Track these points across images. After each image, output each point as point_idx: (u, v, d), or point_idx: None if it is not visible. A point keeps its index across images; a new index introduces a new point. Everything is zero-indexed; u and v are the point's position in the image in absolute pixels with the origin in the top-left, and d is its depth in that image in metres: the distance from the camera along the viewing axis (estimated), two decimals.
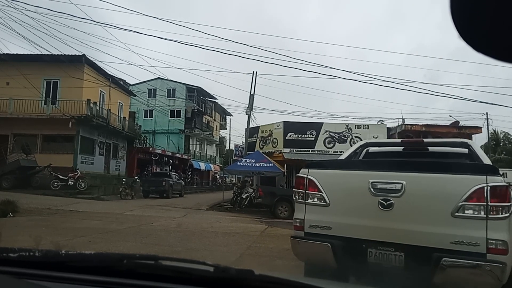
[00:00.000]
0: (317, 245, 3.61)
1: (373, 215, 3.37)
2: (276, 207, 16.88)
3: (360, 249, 3.41)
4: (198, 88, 39.74)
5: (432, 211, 3.24)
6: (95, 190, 20.24)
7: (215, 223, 11.79)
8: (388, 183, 3.36)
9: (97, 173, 23.37)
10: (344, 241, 3.49)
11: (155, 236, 8.21)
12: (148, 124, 38.68)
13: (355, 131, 21.48)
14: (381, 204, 3.33)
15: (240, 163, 19.86)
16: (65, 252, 1.44)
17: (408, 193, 3.28)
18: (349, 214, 3.58)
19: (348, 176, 3.78)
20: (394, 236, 3.32)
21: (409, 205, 3.31)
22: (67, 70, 21.29)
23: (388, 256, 3.32)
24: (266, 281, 1.18)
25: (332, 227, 3.59)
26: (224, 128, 52.54)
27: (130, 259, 1.30)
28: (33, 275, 1.21)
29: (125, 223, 10.06)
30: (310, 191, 3.79)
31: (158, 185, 23.40)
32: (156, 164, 32.55)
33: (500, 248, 2.94)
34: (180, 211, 15.46)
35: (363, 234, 3.45)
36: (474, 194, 3.04)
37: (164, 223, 10.53)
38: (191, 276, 1.21)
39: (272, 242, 8.62)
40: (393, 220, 3.32)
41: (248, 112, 22.83)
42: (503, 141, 38.41)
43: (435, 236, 3.15)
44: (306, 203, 3.80)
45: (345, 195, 3.69)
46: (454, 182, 3.22)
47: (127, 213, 12.87)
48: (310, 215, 3.75)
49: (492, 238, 2.96)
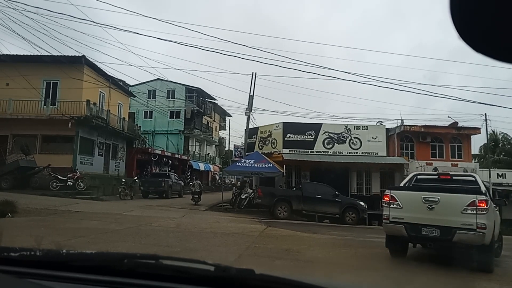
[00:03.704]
0: (396, 226, 7.13)
1: (424, 212, 6.89)
2: (275, 208, 16.90)
3: (417, 228, 6.91)
4: (198, 89, 39.74)
5: (452, 210, 6.77)
6: (94, 191, 20.24)
7: (214, 223, 11.81)
8: (431, 198, 6.90)
9: (97, 174, 23.35)
10: (410, 224, 6.99)
11: (154, 237, 8.22)
12: (148, 125, 38.67)
13: (354, 131, 21.52)
14: (428, 207, 6.88)
15: (240, 163, 19.89)
16: (66, 252, 1.44)
17: (441, 202, 6.82)
18: (412, 212, 7.06)
19: (412, 194, 7.44)
20: (434, 221, 6.81)
21: (441, 208, 6.79)
22: (67, 71, 21.29)
23: (431, 231, 6.81)
24: (266, 280, 1.19)
25: (403, 218, 7.09)
26: (223, 129, 52.53)
27: (131, 259, 1.30)
28: (34, 274, 1.22)
29: (124, 223, 10.07)
30: (392, 201, 7.28)
31: (157, 186, 23.41)
32: (156, 165, 32.52)
33: (482, 227, 6.46)
34: (179, 211, 15.48)
35: (419, 221, 6.94)
36: (471, 203, 6.60)
37: (163, 224, 10.54)
38: (191, 275, 1.21)
39: (271, 243, 8.64)
40: (434, 215, 6.82)
41: (248, 113, 22.83)
42: (502, 142, 38.44)
43: (453, 222, 6.68)
44: (390, 207, 7.27)
45: (410, 203, 7.16)
46: (462, 198, 6.77)
47: (126, 214, 12.87)
48: (392, 212, 7.22)
49: (478, 222, 6.49)
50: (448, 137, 23.64)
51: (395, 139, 23.38)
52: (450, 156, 23.66)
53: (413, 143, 23.80)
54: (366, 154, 21.12)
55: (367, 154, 21.11)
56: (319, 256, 7.59)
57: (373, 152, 21.21)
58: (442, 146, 23.74)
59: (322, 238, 10.70)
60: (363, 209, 17.04)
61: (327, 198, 16.74)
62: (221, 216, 15.03)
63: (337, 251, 8.43)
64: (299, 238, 10.27)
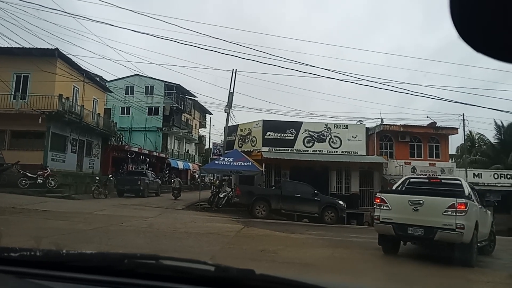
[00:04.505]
0: (386, 225, 7.74)
1: (410, 213, 7.50)
2: (254, 207, 16.60)
3: (404, 228, 7.52)
4: (177, 86, 39.00)
5: (434, 212, 7.34)
6: (66, 189, 19.44)
7: (189, 223, 11.40)
8: (416, 200, 7.54)
9: (69, 171, 22.48)
10: (397, 224, 7.59)
11: (122, 238, 7.76)
12: (125, 122, 37.72)
13: (334, 130, 21.42)
14: (413, 209, 7.49)
15: (218, 161, 19.46)
16: (66, 252, 1.45)
17: (425, 204, 7.45)
18: (399, 213, 7.68)
19: (399, 197, 8.12)
20: (418, 222, 7.41)
21: (425, 209, 7.40)
22: (39, 64, 20.34)
23: (416, 230, 7.41)
24: (267, 280, 1.19)
25: (392, 219, 7.69)
26: (203, 127, 51.91)
27: (131, 259, 1.30)
28: (34, 274, 1.22)
29: (93, 223, 9.55)
30: (382, 203, 7.92)
31: (133, 184, 22.68)
32: (132, 163, 31.73)
33: (460, 227, 7.00)
34: (154, 210, 14.97)
35: (406, 221, 7.54)
36: (451, 205, 7.18)
37: (135, 223, 10.05)
38: (191, 275, 1.22)
39: (246, 243, 8.32)
40: (418, 216, 7.42)
41: (227, 110, 22.42)
42: (478, 143, 39.23)
43: (435, 222, 7.26)
44: (380, 208, 7.89)
45: (398, 205, 7.80)
46: (443, 201, 7.36)
47: (97, 213, 12.30)
48: (382, 213, 7.84)
49: (457, 223, 7.03)
50: (427, 137, 23.86)
51: (375, 139, 23.44)
52: (428, 155, 23.89)
53: (392, 143, 23.92)
54: (345, 153, 21.05)
55: (347, 153, 21.04)
56: (295, 257, 7.29)
57: (352, 151, 21.16)
58: (420, 145, 23.94)
59: (300, 238, 10.44)
60: (342, 208, 16.92)
61: (307, 197, 16.55)
62: (198, 216, 14.61)
63: (314, 252, 8.17)
64: (276, 238, 9.99)
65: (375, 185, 21.42)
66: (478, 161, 33.47)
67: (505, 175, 23.77)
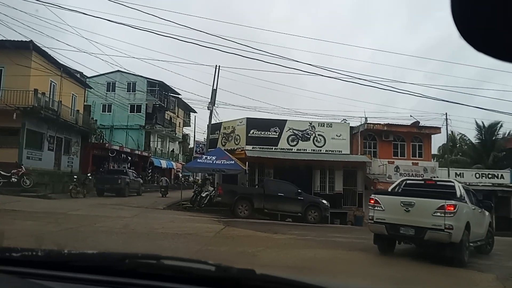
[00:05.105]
0: (379, 225, 8.00)
1: (402, 214, 7.70)
2: (236, 206, 16.24)
3: (396, 228, 7.74)
4: (160, 83, 38.25)
5: (425, 213, 7.52)
6: (42, 188, 18.71)
7: (168, 223, 10.97)
8: (408, 202, 7.74)
9: (46, 170, 21.68)
10: (390, 224, 7.82)
11: (92, 239, 7.30)
12: (106, 119, 36.79)
13: (318, 129, 21.20)
14: (405, 210, 7.70)
15: (200, 160, 19.03)
16: (68, 252, 1.47)
17: (416, 205, 7.64)
18: (392, 214, 7.88)
19: (392, 198, 8.25)
20: (410, 222, 7.61)
21: (416, 210, 7.59)
22: (13, 57, 19.52)
23: (407, 230, 7.61)
24: (267, 280, 1.20)
25: (385, 219, 7.92)
26: (188, 125, 51.22)
27: (132, 259, 1.30)
28: (36, 274, 1.23)
29: (63, 224, 9.03)
30: (376, 204, 8.14)
31: (113, 183, 22.01)
32: (114, 161, 30.94)
33: (449, 227, 7.20)
34: (133, 210, 14.45)
35: (398, 221, 7.75)
36: (440, 206, 7.37)
37: (109, 224, 9.56)
38: (192, 275, 1.22)
39: (225, 245, 7.96)
40: (410, 216, 7.63)
41: (210, 108, 21.99)
42: (459, 143, 39.74)
43: (425, 222, 7.43)
44: (374, 209, 8.12)
45: (390, 206, 7.98)
46: (433, 202, 7.52)
47: (71, 213, 11.73)
48: (376, 214, 8.07)
49: (446, 223, 7.22)
50: (410, 136, 23.88)
51: (359, 137, 23.33)
52: (411, 155, 23.91)
53: (376, 142, 23.85)
54: (330, 152, 20.86)
55: (331, 152, 20.85)
56: (276, 259, 6.96)
57: (336, 150, 20.98)
58: (404, 145, 23.95)
59: (282, 238, 10.12)
60: (325, 207, 16.71)
61: (290, 196, 16.28)
62: (178, 215, 14.17)
63: (296, 253, 7.86)
64: (257, 238, 9.65)
65: (359, 184, 21.32)
66: (459, 161, 33.85)
67: (486, 175, 23.98)
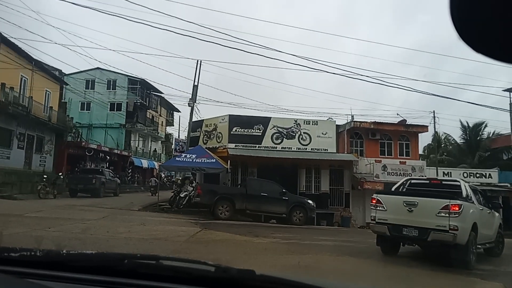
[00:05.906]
0: (381, 226, 7.88)
1: (405, 214, 7.58)
2: (216, 207, 15.26)
3: (399, 228, 7.60)
4: (142, 80, 36.90)
5: (428, 213, 7.37)
6: (8, 188, 17.45)
7: (137, 226, 9.93)
8: (411, 202, 7.60)
9: (15, 169, 20.31)
10: (392, 225, 7.69)
11: (38, 246, 6.24)
12: (85, 117, 35.34)
13: (303, 126, 20.41)
14: (408, 210, 7.56)
15: (179, 158, 18.00)
16: (67, 252, 1.47)
17: (419, 205, 7.52)
18: (394, 214, 7.76)
19: (394, 198, 8.19)
20: (413, 223, 7.46)
21: (419, 210, 7.46)
22: None
23: (410, 231, 7.45)
24: (267, 281, 1.20)
25: (387, 219, 7.80)
26: (171, 125, 49.90)
27: (131, 259, 1.31)
28: (34, 274, 1.22)
29: (13, 228, 7.91)
30: (378, 204, 8.03)
31: (87, 183, 20.74)
32: (91, 161, 29.55)
33: (454, 228, 6.97)
34: (103, 212, 13.32)
35: (400, 221, 7.61)
36: (445, 206, 7.17)
37: (66, 228, 8.48)
38: (192, 276, 1.22)
39: (196, 251, 7.00)
40: (413, 217, 7.49)
41: (191, 104, 20.95)
42: (444, 143, 39.62)
43: (429, 223, 7.26)
44: (376, 209, 8.01)
45: (393, 206, 7.86)
46: (437, 202, 7.35)
47: (29, 215, 10.58)
48: (378, 214, 7.98)
49: (451, 224, 7.01)
50: (397, 134, 23.29)
51: (345, 136, 22.59)
52: (399, 154, 23.30)
53: (362, 140, 23.16)
54: (315, 150, 20.07)
55: (317, 151, 20.06)
56: (253, 268, 6.03)
57: (322, 149, 20.21)
58: (390, 143, 23.32)
59: (263, 242, 9.19)
60: (311, 208, 15.87)
61: (274, 196, 15.39)
62: (153, 217, 13.11)
63: (277, 260, 6.93)
64: (235, 243, 8.72)
65: (346, 183, 20.59)
66: (444, 160, 33.67)
67: (474, 174, 23.59)
